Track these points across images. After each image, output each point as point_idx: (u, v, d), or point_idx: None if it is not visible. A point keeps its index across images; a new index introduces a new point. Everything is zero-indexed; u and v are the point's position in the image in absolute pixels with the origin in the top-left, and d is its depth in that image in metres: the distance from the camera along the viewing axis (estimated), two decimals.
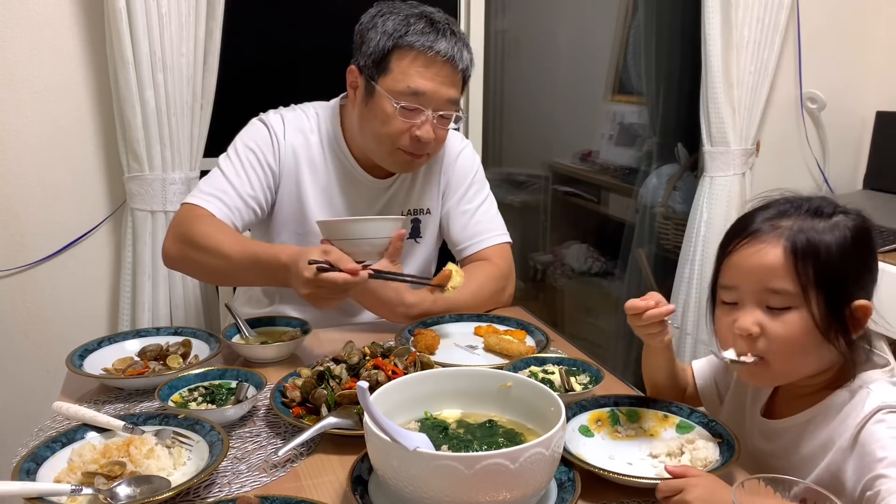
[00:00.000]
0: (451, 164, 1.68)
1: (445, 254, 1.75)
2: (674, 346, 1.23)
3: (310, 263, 1.25)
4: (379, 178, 1.62)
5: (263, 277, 1.42)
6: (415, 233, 1.67)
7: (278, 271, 1.32)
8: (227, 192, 1.50)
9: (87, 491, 0.90)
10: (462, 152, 1.70)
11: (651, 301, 1.10)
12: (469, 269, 1.65)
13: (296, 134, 1.59)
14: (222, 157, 1.57)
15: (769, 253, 1.01)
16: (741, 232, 1.06)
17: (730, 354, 1.06)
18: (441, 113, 1.48)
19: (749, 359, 1.04)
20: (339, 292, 1.27)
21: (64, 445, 1.01)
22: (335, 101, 1.63)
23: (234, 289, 1.84)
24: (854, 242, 1.02)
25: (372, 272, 1.31)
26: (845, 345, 1.01)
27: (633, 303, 1.11)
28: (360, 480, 0.94)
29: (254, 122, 1.60)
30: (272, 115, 1.60)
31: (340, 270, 1.24)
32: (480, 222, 1.68)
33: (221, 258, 1.40)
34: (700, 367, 1.29)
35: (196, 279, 1.87)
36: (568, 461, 0.96)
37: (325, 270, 1.24)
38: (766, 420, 1.13)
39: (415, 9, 1.49)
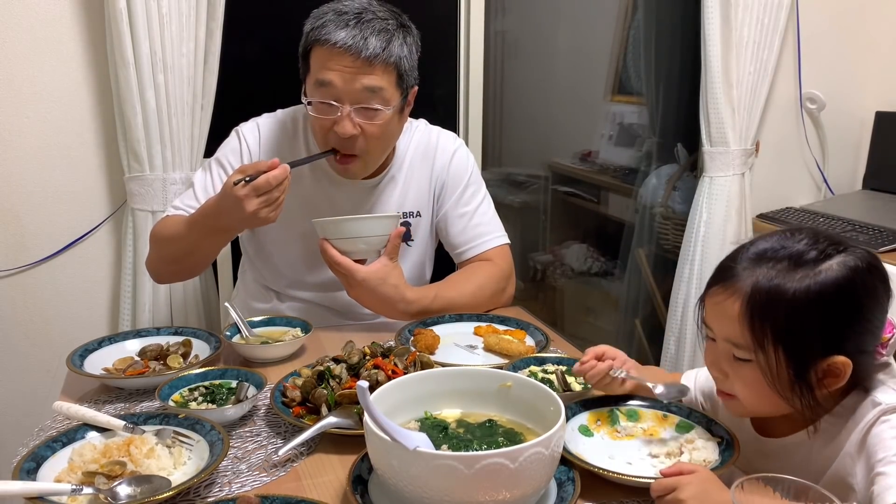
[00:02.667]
0: (444, 167, 1.66)
1: (442, 256, 1.75)
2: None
3: (234, 184, 1.30)
4: (362, 179, 1.59)
5: (211, 232, 1.42)
6: (406, 236, 1.65)
7: (216, 215, 1.36)
8: (195, 207, 1.50)
9: (88, 490, 0.90)
10: (456, 153, 1.67)
11: (589, 359, 1.13)
12: (470, 269, 1.65)
13: (272, 141, 1.59)
14: (198, 171, 1.61)
15: (732, 305, 0.98)
16: (719, 273, 1.03)
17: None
18: (362, 106, 1.43)
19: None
20: (277, 191, 1.31)
21: (64, 445, 1.01)
22: None
23: (234, 287, 1.84)
24: (841, 293, 0.94)
25: (289, 164, 1.34)
26: (807, 401, 0.97)
27: (575, 368, 1.15)
28: (360, 480, 0.94)
29: (231, 133, 1.62)
30: (247, 125, 1.62)
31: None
32: (479, 224, 1.66)
33: (176, 240, 1.46)
34: (687, 384, 1.26)
35: (184, 279, 1.82)
36: (567, 461, 0.97)
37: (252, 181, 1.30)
38: (767, 439, 1.10)
39: (338, 4, 1.46)
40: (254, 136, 1.59)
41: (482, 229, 1.66)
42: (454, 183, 1.66)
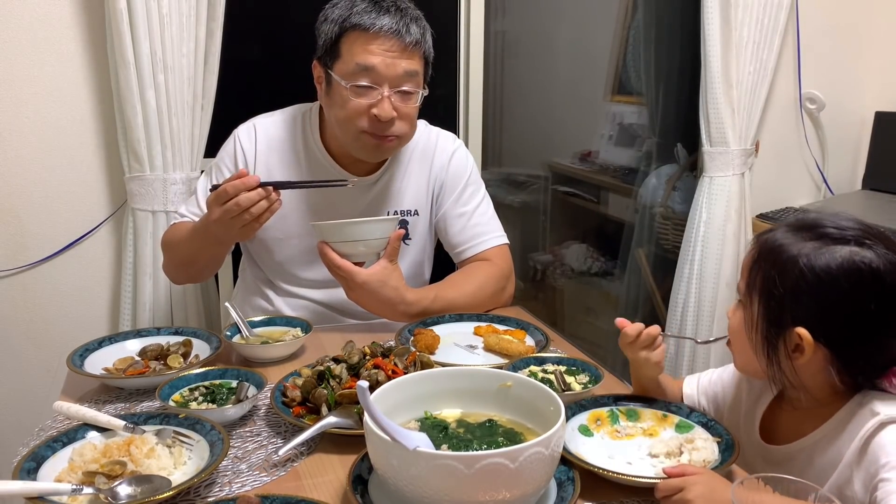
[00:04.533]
0: (443, 167, 1.66)
1: (442, 257, 1.75)
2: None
3: (210, 190, 1.37)
4: (360, 176, 1.60)
5: (208, 240, 1.45)
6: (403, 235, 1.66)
7: (206, 224, 1.40)
8: (197, 213, 1.56)
9: (88, 490, 0.91)
10: (455, 153, 1.68)
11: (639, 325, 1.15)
12: (470, 268, 1.65)
13: (268, 140, 1.60)
14: (202, 175, 1.65)
15: (749, 251, 1.08)
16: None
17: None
18: (400, 89, 1.46)
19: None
20: (234, 203, 1.32)
21: (65, 445, 1.01)
22: (317, 102, 1.63)
23: (234, 286, 1.84)
24: (832, 278, 0.95)
25: (262, 181, 1.35)
26: (770, 361, 1.02)
27: (628, 330, 1.15)
28: (360, 480, 0.94)
29: (230, 136, 1.64)
30: (244, 127, 1.63)
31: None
32: (478, 224, 1.66)
33: (181, 246, 1.52)
34: (689, 389, 1.28)
35: (199, 281, 1.88)
36: (567, 460, 0.97)
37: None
38: (772, 447, 1.10)
39: None
40: (250, 138, 1.60)
41: (481, 229, 1.66)
42: (453, 183, 1.67)
